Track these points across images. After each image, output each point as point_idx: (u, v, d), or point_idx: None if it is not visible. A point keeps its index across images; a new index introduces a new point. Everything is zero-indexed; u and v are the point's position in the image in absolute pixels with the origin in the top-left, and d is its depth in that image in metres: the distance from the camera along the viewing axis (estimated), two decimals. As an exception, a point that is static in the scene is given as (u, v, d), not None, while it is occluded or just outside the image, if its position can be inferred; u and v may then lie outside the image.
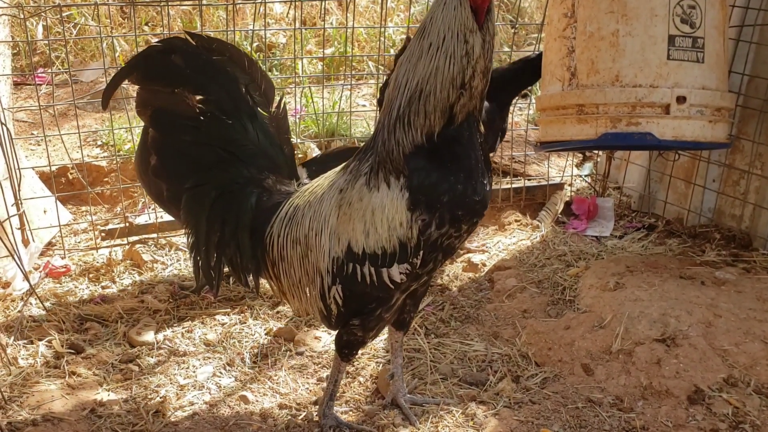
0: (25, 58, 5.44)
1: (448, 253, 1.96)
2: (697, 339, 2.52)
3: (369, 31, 5.98)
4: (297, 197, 2.09)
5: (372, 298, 1.97)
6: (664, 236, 3.72)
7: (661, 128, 2.79)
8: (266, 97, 2.13)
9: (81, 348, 2.73)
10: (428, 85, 1.75)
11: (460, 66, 1.73)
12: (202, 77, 2.04)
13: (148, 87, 2.08)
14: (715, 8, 2.85)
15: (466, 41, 1.72)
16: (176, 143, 2.08)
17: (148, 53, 2.07)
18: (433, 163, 1.80)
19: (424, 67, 1.75)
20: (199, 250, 2.16)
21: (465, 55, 1.72)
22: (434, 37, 1.72)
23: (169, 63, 2.01)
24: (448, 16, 1.71)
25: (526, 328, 2.82)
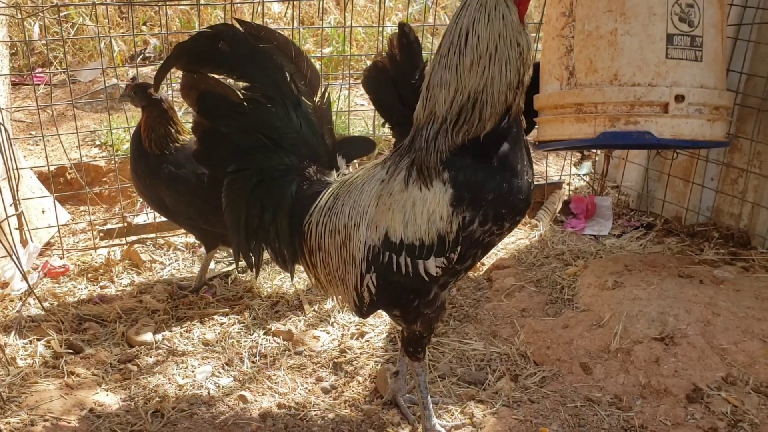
0: (23, 58, 5.44)
1: (487, 249, 1.95)
2: (696, 338, 2.53)
3: (367, 30, 5.98)
4: (337, 187, 2.09)
5: (407, 289, 1.96)
6: (663, 235, 3.72)
7: (660, 127, 2.79)
8: (311, 86, 2.13)
9: (80, 348, 2.73)
10: (484, 95, 1.73)
11: (516, 69, 1.73)
12: (248, 64, 2.05)
13: (195, 72, 2.08)
14: (713, 7, 2.85)
15: (519, 44, 1.71)
16: (220, 128, 2.10)
17: (196, 39, 2.08)
18: (479, 161, 1.79)
19: (476, 79, 1.73)
20: (239, 234, 2.17)
21: (519, 57, 1.72)
22: (483, 49, 1.71)
23: (216, 49, 2.02)
24: (496, 26, 1.70)
25: (525, 327, 2.82)
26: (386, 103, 2.79)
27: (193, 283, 3.22)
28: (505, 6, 1.70)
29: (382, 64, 2.74)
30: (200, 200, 2.86)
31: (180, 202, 2.95)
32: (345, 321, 2.95)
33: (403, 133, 2.70)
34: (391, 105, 2.76)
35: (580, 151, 4.78)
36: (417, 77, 2.69)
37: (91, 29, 5.67)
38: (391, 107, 2.77)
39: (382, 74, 2.75)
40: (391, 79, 2.73)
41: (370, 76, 2.79)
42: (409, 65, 2.70)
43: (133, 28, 3.88)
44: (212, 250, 3.16)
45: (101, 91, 4.93)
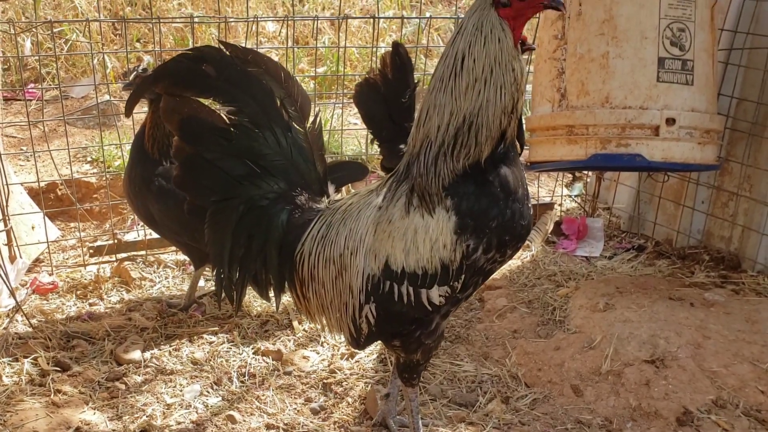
0: (15, 74, 5.43)
1: (488, 276, 1.92)
2: (687, 360, 2.52)
3: (361, 50, 6.01)
4: (330, 214, 2.03)
5: (408, 319, 1.91)
6: (654, 257, 3.73)
7: (651, 149, 2.81)
8: (302, 111, 2.06)
9: (67, 366, 2.70)
10: (479, 118, 1.73)
11: (510, 94, 1.73)
12: (234, 88, 1.98)
13: (178, 95, 1.99)
14: (704, 31, 2.88)
15: (513, 69, 1.72)
16: (204, 154, 2.00)
17: (178, 60, 1.99)
18: (482, 188, 1.77)
19: (471, 102, 1.72)
20: (222, 265, 2.08)
21: (513, 82, 1.72)
22: (478, 72, 1.71)
23: (200, 72, 1.94)
24: (492, 50, 1.70)
25: (516, 348, 2.81)
26: (376, 119, 2.79)
27: (182, 300, 3.20)
28: (501, 30, 1.71)
29: (373, 81, 2.75)
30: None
31: (168, 217, 2.92)
32: (335, 341, 2.93)
33: (392, 150, 2.73)
34: (381, 121, 2.76)
35: (572, 173, 4.80)
36: (407, 96, 2.70)
37: (85, 45, 5.68)
38: (380, 124, 2.77)
39: (373, 91, 2.75)
40: (381, 96, 2.74)
41: (361, 92, 2.80)
42: (401, 84, 2.71)
43: (127, 44, 3.89)
44: (201, 267, 3.14)
45: (93, 107, 4.93)
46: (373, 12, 5.91)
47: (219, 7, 4.27)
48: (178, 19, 5.92)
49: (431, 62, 6.39)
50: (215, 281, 2.11)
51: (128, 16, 6.13)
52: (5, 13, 5.35)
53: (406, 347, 1.99)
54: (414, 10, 6.99)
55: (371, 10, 6.53)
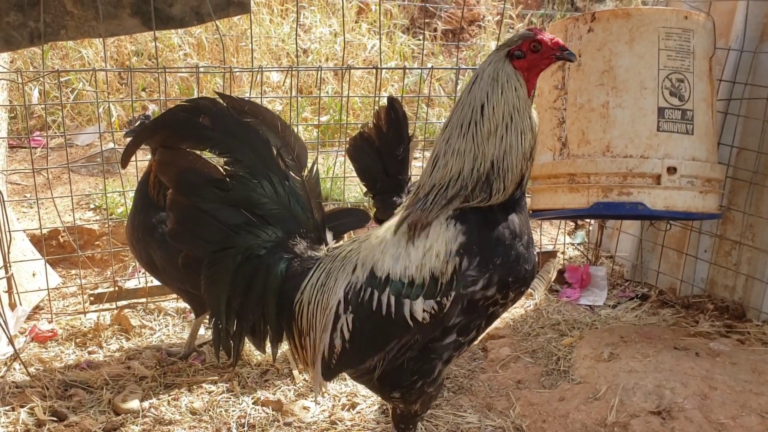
0: (21, 122, 5.49)
1: (491, 320, 1.89)
2: (693, 412, 2.48)
3: (364, 100, 6.09)
4: (329, 262, 2.00)
5: (411, 371, 1.86)
6: (658, 306, 3.71)
7: (653, 198, 2.81)
8: (299, 160, 2.07)
9: (64, 415, 2.65)
10: (505, 162, 1.76)
11: (529, 139, 1.77)
12: (231, 139, 1.97)
13: (173, 147, 1.99)
14: (703, 82, 2.92)
15: (530, 116, 1.77)
16: (201, 206, 1.99)
17: (174, 112, 1.99)
18: (491, 225, 1.78)
19: (496, 147, 1.76)
20: (220, 316, 2.04)
21: (531, 129, 1.77)
22: (499, 119, 1.75)
23: (196, 123, 1.94)
24: (510, 98, 1.76)
25: (521, 399, 2.77)
26: (370, 172, 2.80)
27: (182, 349, 3.17)
28: (516, 80, 1.77)
29: (368, 134, 2.78)
30: None
31: (170, 263, 2.91)
32: (336, 391, 2.89)
33: (385, 203, 2.74)
34: (375, 174, 2.77)
35: (574, 221, 4.81)
36: (402, 150, 2.73)
37: (90, 94, 5.76)
38: (374, 177, 2.78)
39: (367, 144, 2.78)
40: (376, 149, 2.77)
41: (355, 145, 2.82)
42: (395, 138, 2.74)
43: (132, 93, 3.94)
44: (202, 315, 3.12)
45: (97, 155, 4.96)
46: (376, 63, 6.01)
47: (224, 57, 4.34)
48: (184, 69, 6.01)
49: (432, 111, 6.47)
50: (213, 333, 2.08)
51: (134, 65, 6.23)
52: (14, 62, 5.44)
53: (406, 398, 1.95)
54: (416, 61, 7.10)
55: (374, 61, 6.64)
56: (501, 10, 7.96)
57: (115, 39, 6.34)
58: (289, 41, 6.77)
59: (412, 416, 2.04)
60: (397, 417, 2.06)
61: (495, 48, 1.84)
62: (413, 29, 7.90)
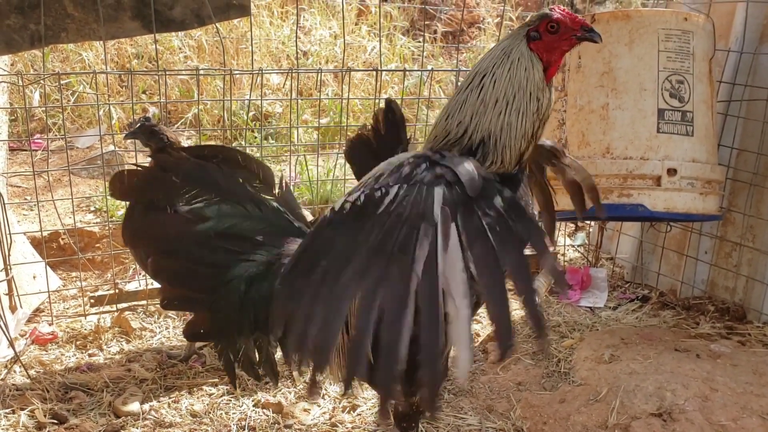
0: (22, 124, 5.50)
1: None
2: (694, 414, 2.48)
3: (364, 102, 6.09)
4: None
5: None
6: (658, 308, 3.71)
7: (653, 200, 2.82)
8: (266, 182, 2.08)
9: (64, 418, 2.65)
10: (502, 139, 1.73)
11: (532, 122, 1.74)
12: (197, 184, 1.97)
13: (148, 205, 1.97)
14: (702, 83, 2.92)
15: (538, 99, 1.73)
16: (188, 260, 1.94)
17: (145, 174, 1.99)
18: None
19: (490, 121, 1.73)
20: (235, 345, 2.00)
21: (536, 112, 1.74)
22: (500, 94, 1.72)
23: (167, 181, 1.94)
24: (516, 76, 1.72)
25: (521, 401, 2.77)
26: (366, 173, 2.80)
27: (182, 351, 3.17)
28: (528, 60, 1.73)
29: (366, 136, 2.77)
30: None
31: None
32: (336, 393, 2.89)
33: None
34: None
35: (574, 222, 4.80)
36: (400, 152, 2.73)
37: (91, 97, 5.77)
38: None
39: (365, 146, 2.77)
40: (373, 151, 2.76)
41: (353, 147, 2.81)
42: (393, 140, 2.73)
43: (132, 96, 3.94)
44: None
45: (98, 158, 4.97)
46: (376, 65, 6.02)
47: (224, 59, 4.34)
48: (184, 71, 6.02)
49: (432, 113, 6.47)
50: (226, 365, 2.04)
51: (135, 68, 6.23)
52: (14, 65, 5.45)
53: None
54: (416, 63, 7.11)
55: (374, 63, 6.65)
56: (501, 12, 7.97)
57: (116, 42, 6.35)
58: (290, 43, 6.78)
59: (414, 414, 2.02)
60: (399, 415, 2.06)
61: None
62: (413, 31, 7.91)
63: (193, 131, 5.92)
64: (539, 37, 1.73)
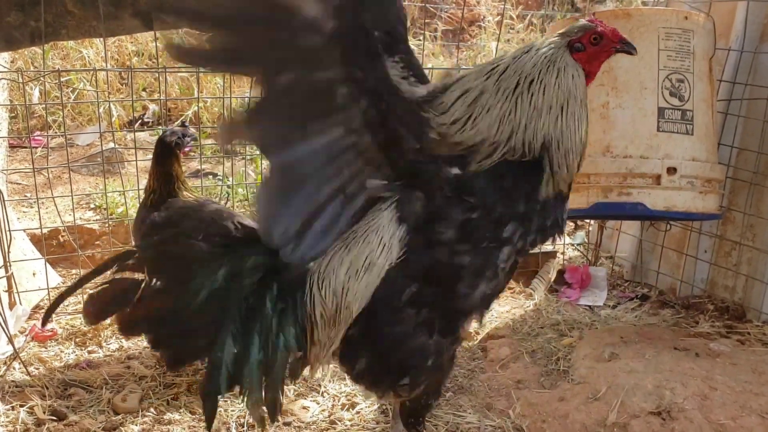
0: (22, 122, 5.50)
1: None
2: (693, 412, 2.48)
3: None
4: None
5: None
6: (658, 306, 3.71)
7: (653, 198, 2.82)
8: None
9: (64, 415, 2.65)
10: (563, 145, 1.75)
11: (584, 127, 1.77)
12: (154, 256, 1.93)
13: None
14: (702, 82, 2.92)
15: (586, 105, 1.77)
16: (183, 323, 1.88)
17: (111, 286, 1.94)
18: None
19: (549, 126, 1.73)
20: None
21: (587, 118, 1.78)
22: (552, 99, 1.73)
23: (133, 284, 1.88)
24: (565, 83, 1.74)
25: (520, 399, 2.77)
26: None
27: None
28: (575, 69, 1.76)
29: None
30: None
31: None
32: (335, 391, 2.89)
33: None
34: None
35: (574, 221, 4.80)
36: None
37: (91, 94, 5.76)
38: None
39: None
40: None
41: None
42: None
43: (132, 93, 3.94)
44: None
45: (98, 155, 4.97)
46: (376, 62, 5.99)
47: (224, 57, 4.33)
48: (184, 68, 6.01)
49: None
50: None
51: (135, 65, 6.23)
52: (15, 62, 5.44)
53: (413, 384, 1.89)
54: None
55: (374, 61, 6.62)
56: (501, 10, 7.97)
57: (116, 39, 6.34)
58: (290, 41, 6.75)
59: (423, 407, 2.01)
60: (407, 411, 2.04)
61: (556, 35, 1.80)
62: (413, 29, 7.90)
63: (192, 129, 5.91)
64: (583, 48, 1.76)
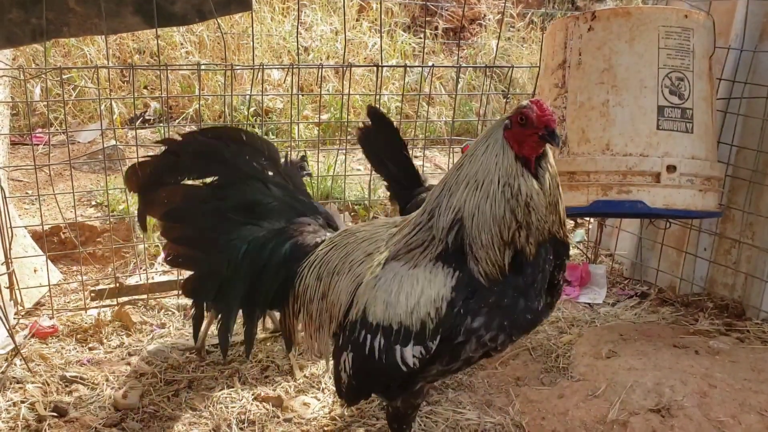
0: (23, 119, 5.50)
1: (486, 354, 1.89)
2: (693, 410, 2.49)
3: (364, 97, 6.09)
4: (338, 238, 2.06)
5: (386, 378, 1.86)
6: (657, 304, 3.71)
7: (652, 196, 2.82)
8: (271, 158, 2.17)
9: (64, 411, 2.66)
10: (474, 222, 1.71)
11: (511, 209, 1.69)
12: (207, 162, 2.10)
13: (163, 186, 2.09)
14: (702, 80, 2.93)
15: (511, 185, 1.68)
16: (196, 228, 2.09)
17: (158, 159, 2.10)
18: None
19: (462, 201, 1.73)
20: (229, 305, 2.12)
21: (512, 198, 1.68)
22: (470, 175, 1.72)
23: (178, 163, 2.07)
24: (486, 162, 1.71)
25: (520, 396, 2.78)
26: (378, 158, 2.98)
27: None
28: (501, 148, 1.71)
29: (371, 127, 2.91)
30: None
31: None
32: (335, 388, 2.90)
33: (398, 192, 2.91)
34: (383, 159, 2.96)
35: (573, 219, 4.81)
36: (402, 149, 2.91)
37: (93, 91, 5.77)
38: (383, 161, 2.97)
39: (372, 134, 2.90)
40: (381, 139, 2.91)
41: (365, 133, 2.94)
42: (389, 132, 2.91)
43: (134, 91, 3.94)
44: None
45: (99, 152, 4.97)
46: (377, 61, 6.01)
47: (225, 55, 4.35)
48: (185, 66, 6.02)
49: (433, 110, 6.47)
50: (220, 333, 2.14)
51: (136, 63, 6.24)
52: (16, 59, 5.45)
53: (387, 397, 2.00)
54: (416, 59, 7.11)
55: (375, 59, 6.65)
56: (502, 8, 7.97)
57: (117, 36, 6.36)
58: (290, 39, 6.78)
59: (403, 416, 2.05)
60: (389, 416, 2.08)
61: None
62: (414, 27, 7.91)
63: (194, 126, 5.92)
64: (510, 127, 1.71)
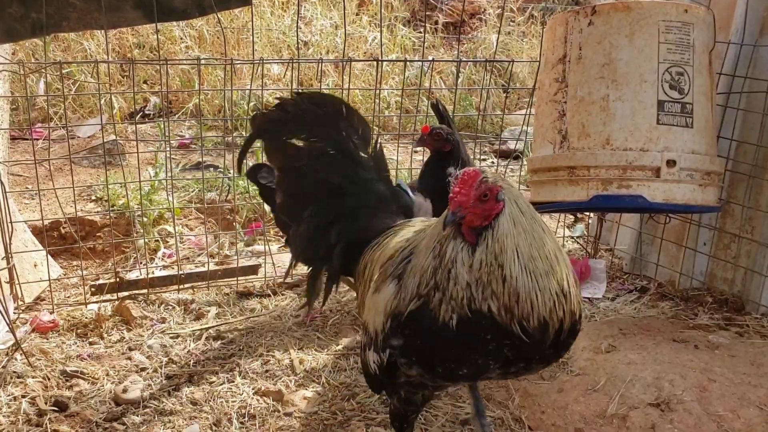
0: (23, 113, 5.50)
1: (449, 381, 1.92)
2: (692, 404, 2.50)
3: (364, 92, 6.08)
4: (400, 228, 2.11)
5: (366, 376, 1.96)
6: (657, 299, 3.72)
7: (652, 191, 2.82)
8: (364, 138, 2.25)
9: (65, 405, 2.67)
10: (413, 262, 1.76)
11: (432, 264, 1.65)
12: (314, 127, 2.23)
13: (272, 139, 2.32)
14: (702, 75, 2.92)
15: (441, 243, 1.65)
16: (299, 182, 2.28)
17: (267, 117, 2.34)
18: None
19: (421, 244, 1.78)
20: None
21: (438, 256, 1.64)
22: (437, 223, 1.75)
23: (288, 118, 2.24)
24: (437, 228, 1.70)
25: (519, 390, 2.79)
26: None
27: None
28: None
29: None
30: None
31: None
32: (336, 381, 2.91)
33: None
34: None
35: (573, 214, 4.81)
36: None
37: (92, 86, 5.77)
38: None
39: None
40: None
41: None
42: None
43: (134, 85, 3.94)
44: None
45: (99, 147, 4.97)
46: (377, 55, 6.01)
47: (225, 49, 4.34)
48: (185, 61, 6.01)
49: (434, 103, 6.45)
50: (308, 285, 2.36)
51: (136, 57, 6.23)
52: (16, 54, 5.45)
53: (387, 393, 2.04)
54: (416, 54, 7.10)
55: (374, 54, 6.64)
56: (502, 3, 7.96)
57: (117, 31, 6.35)
58: (290, 34, 6.77)
59: (403, 415, 2.05)
60: (391, 413, 2.09)
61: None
62: (414, 22, 7.90)
63: (193, 121, 5.92)
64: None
